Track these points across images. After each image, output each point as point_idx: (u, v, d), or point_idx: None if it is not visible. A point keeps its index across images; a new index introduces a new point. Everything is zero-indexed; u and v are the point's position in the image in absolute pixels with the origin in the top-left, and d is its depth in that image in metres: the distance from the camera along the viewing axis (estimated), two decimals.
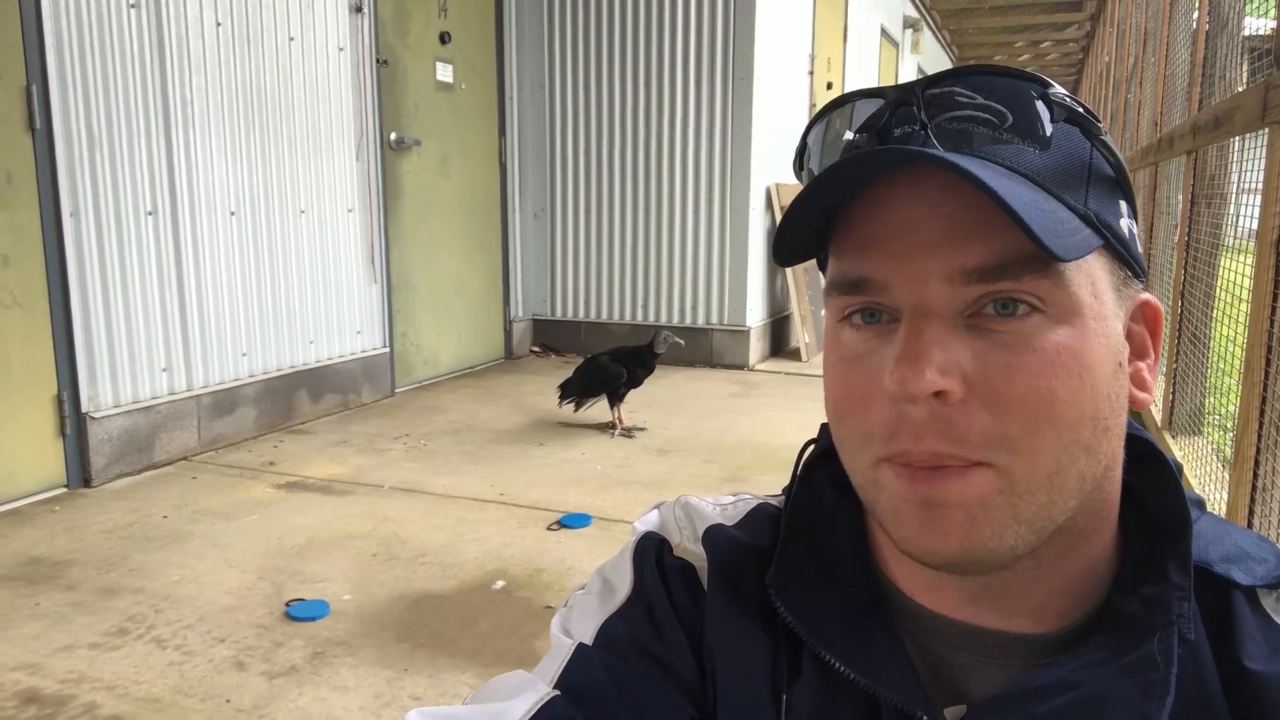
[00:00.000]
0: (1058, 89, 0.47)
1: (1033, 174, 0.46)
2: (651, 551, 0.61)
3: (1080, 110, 0.48)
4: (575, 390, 3.85)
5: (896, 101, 0.48)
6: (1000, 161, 0.46)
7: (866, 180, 0.48)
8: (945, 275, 0.46)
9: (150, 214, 3.20)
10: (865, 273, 0.48)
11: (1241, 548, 0.53)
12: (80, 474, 3.04)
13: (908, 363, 0.45)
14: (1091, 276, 0.47)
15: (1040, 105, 0.47)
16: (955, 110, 0.47)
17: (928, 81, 0.48)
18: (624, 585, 0.60)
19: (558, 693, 0.54)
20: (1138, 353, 0.52)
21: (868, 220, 0.48)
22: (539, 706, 0.52)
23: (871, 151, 0.47)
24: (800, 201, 0.48)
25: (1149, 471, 0.55)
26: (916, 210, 0.47)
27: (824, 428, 0.59)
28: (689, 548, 0.61)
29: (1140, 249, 0.52)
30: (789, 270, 5.57)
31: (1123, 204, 0.50)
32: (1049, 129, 0.47)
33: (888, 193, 0.48)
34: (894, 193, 0.47)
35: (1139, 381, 0.52)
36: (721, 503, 0.65)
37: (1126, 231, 0.50)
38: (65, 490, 3.00)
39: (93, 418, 3.02)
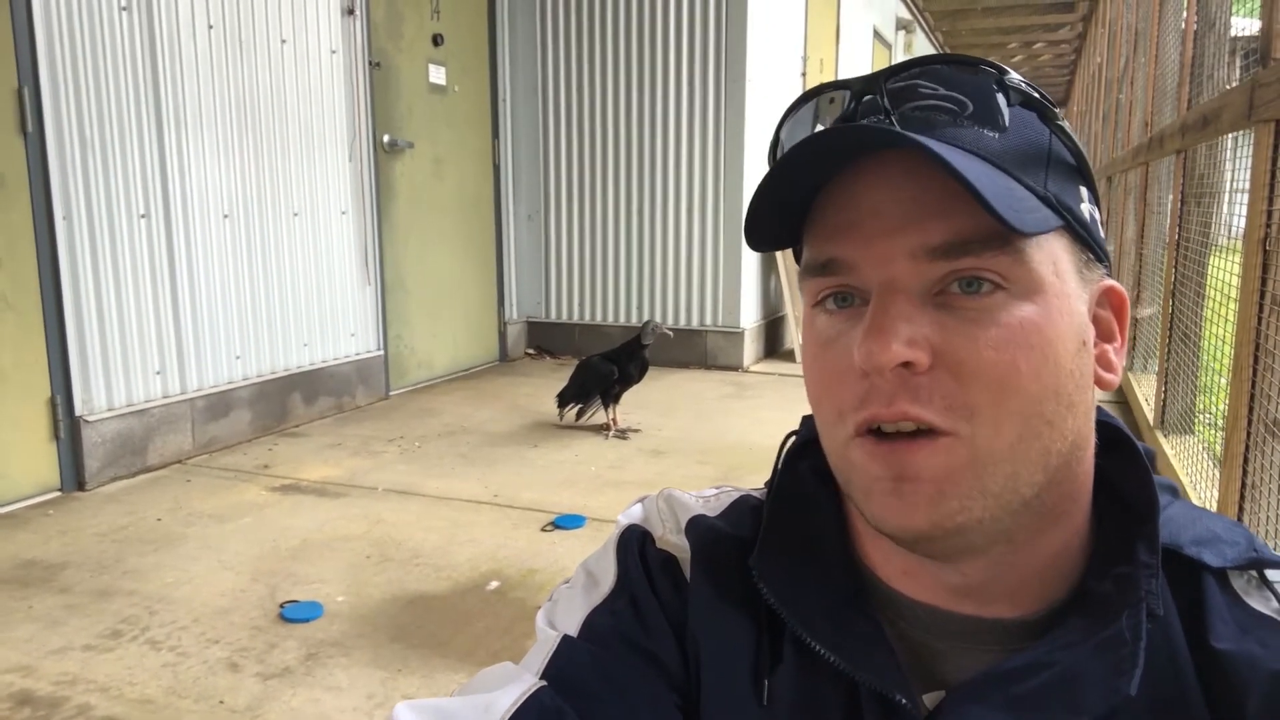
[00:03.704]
0: (1014, 75, 0.49)
1: (993, 157, 0.48)
2: (634, 544, 0.62)
3: (1036, 95, 0.50)
4: (571, 395, 3.85)
5: (861, 93, 0.50)
6: (961, 144, 0.48)
7: (833, 166, 0.49)
8: (910, 253, 0.47)
9: (143, 217, 3.20)
10: (834, 254, 0.50)
11: (1213, 531, 0.54)
12: (74, 477, 3.04)
13: (874, 336, 0.47)
14: (1053, 256, 0.49)
15: (998, 93, 0.49)
16: (918, 100, 0.49)
17: (889, 73, 0.50)
18: (608, 578, 0.61)
19: (544, 683, 0.54)
20: (1104, 336, 0.53)
21: (836, 206, 0.50)
22: (526, 697, 0.53)
23: (833, 130, 0.48)
24: (768, 182, 0.50)
25: (1119, 456, 0.56)
26: (881, 194, 0.48)
27: (806, 419, 0.61)
28: (671, 540, 0.62)
29: (1103, 234, 0.53)
30: (783, 271, 5.58)
31: (1083, 189, 0.52)
32: (1007, 115, 0.49)
33: (856, 180, 0.49)
34: (860, 181, 0.49)
35: (1105, 363, 0.53)
36: (704, 495, 0.66)
37: (1088, 216, 0.51)
38: (59, 494, 3.00)
39: (86, 421, 3.02)
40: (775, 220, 0.53)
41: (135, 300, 3.19)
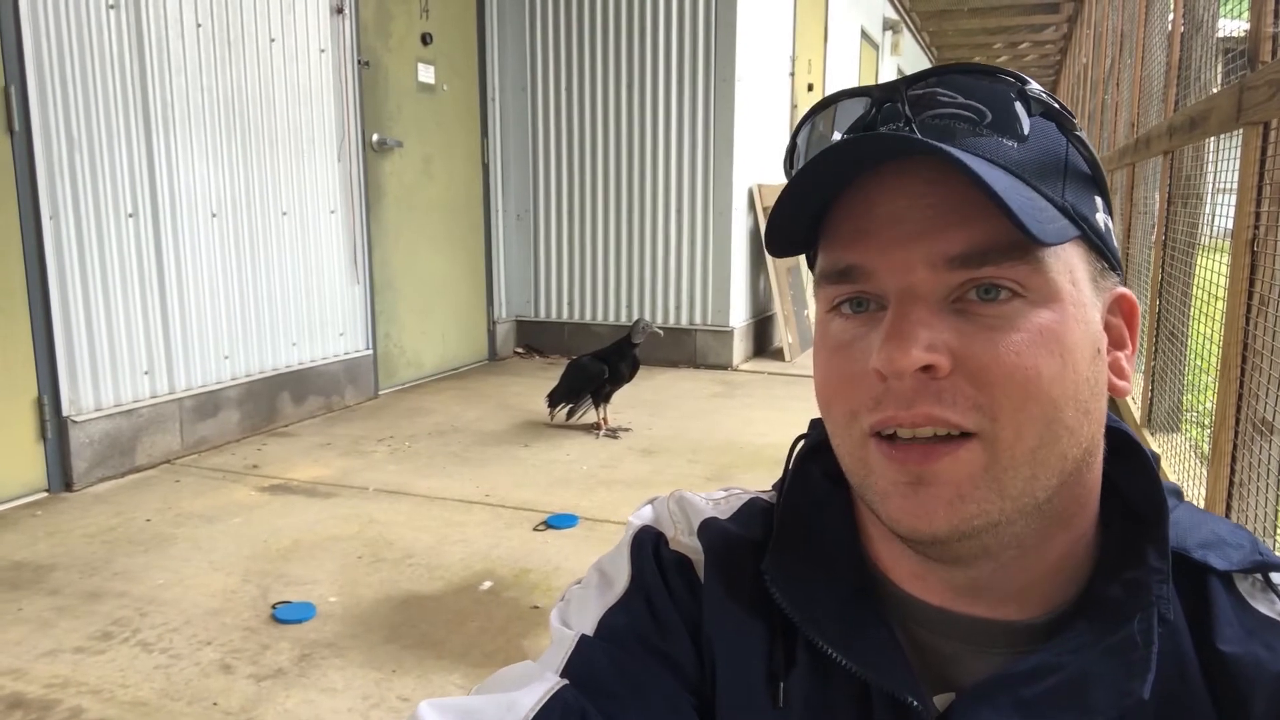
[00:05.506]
0: (1034, 86, 0.50)
1: (1012, 166, 0.48)
2: (648, 544, 0.62)
3: (1055, 106, 0.50)
4: (561, 395, 3.85)
5: (881, 100, 0.50)
6: (981, 153, 0.48)
7: (856, 172, 0.50)
8: (929, 262, 0.47)
9: (131, 216, 3.18)
10: (853, 260, 0.50)
11: (1218, 534, 0.55)
12: (62, 478, 3.02)
13: (894, 341, 0.47)
14: (1070, 265, 0.49)
15: (1017, 103, 0.49)
16: (938, 108, 0.49)
17: (910, 80, 0.50)
18: (621, 578, 0.61)
19: (566, 681, 0.54)
20: (1116, 343, 0.54)
21: (855, 213, 0.50)
22: (550, 695, 0.53)
23: (861, 138, 0.48)
24: (792, 188, 0.50)
25: (1127, 461, 0.56)
26: (902, 202, 0.48)
27: (814, 423, 0.61)
28: (684, 541, 0.62)
29: (1116, 244, 0.54)
30: (772, 271, 5.59)
31: (1098, 199, 0.52)
32: (1026, 125, 0.49)
33: (876, 187, 0.49)
34: (881, 187, 0.49)
35: (1118, 370, 0.53)
36: (714, 498, 0.66)
37: (1103, 225, 0.52)
38: (46, 494, 2.98)
39: (74, 421, 3.00)
40: (795, 226, 0.53)
41: (123, 300, 3.18)
